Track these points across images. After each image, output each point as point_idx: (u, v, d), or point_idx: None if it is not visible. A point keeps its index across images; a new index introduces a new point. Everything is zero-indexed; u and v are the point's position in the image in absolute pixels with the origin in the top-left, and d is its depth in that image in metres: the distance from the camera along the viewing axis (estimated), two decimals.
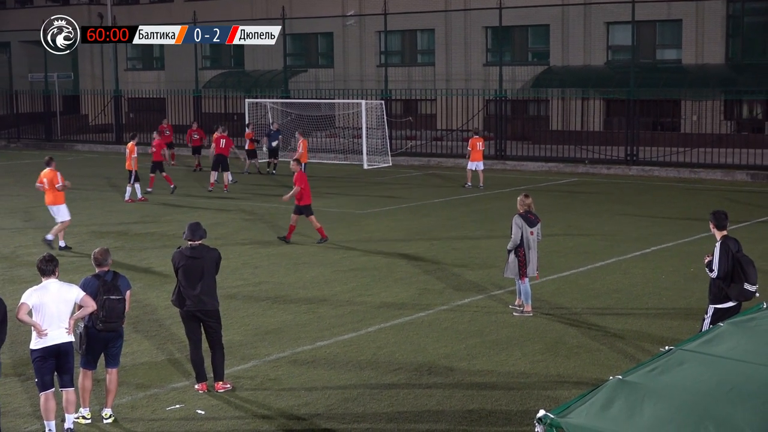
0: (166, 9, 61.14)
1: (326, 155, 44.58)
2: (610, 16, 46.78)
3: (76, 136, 56.77)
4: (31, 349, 11.20)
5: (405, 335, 15.58)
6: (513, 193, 30.05)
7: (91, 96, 59.53)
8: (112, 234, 25.09)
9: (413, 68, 52.81)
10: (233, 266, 20.60)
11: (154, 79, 60.65)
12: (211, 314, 12.96)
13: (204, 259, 12.89)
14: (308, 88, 52.06)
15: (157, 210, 29.35)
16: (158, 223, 27.06)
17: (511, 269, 16.54)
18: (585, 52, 47.83)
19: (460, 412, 12.19)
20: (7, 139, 56.92)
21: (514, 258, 16.47)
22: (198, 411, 12.31)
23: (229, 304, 17.42)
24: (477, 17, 49.66)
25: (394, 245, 23.31)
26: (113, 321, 11.69)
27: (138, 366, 14.16)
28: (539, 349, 14.72)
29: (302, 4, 55.28)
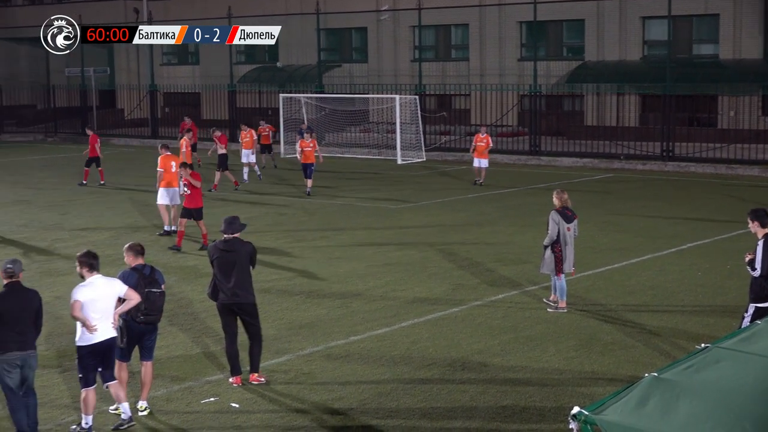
0: (201, 4, 61.25)
1: (360, 150, 44.58)
2: (646, 11, 46.39)
3: (112, 130, 57.02)
4: (78, 346, 11.25)
5: (439, 330, 15.57)
6: (547, 189, 29.95)
7: (127, 91, 59.86)
8: (148, 228, 25.21)
9: (447, 63, 52.67)
10: (267, 260, 20.66)
11: (189, 73, 60.84)
12: (246, 307, 13.01)
13: (237, 252, 12.93)
14: (342, 83, 52.06)
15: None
16: None
17: (548, 265, 16.47)
18: (620, 47, 47.47)
19: (493, 408, 12.17)
20: (44, 133, 57.35)
21: (550, 254, 16.40)
22: (232, 404, 12.37)
23: (263, 298, 17.47)
24: (511, 12, 49.44)
25: (427, 240, 23.28)
26: (154, 314, 11.82)
27: (173, 359, 14.24)
28: (573, 346, 14.66)
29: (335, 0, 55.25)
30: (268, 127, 39.31)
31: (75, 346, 11.32)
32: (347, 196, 31.14)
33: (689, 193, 31.41)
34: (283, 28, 57.21)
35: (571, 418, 6.76)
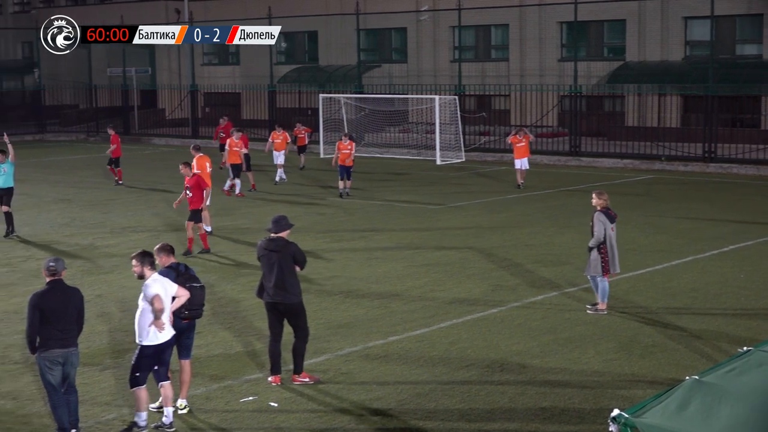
0: (242, 5, 61.52)
1: (399, 150, 44.58)
2: (688, 11, 46.00)
3: (153, 130, 57.44)
4: (144, 345, 11.27)
5: (477, 331, 15.54)
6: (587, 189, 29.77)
7: (168, 90, 60.23)
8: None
9: (487, 63, 52.51)
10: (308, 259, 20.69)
11: (230, 74, 61.12)
12: (289, 308, 13.06)
13: (280, 252, 12.97)
14: (382, 83, 52.07)
15: (233, 203, 29.62)
16: (233, 216, 27.31)
17: (594, 267, 16.33)
18: (662, 48, 47.10)
19: (532, 409, 12.13)
20: (86, 133, 57.84)
21: (597, 255, 16.26)
22: (271, 403, 12.41)
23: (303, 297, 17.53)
24: (552, 12, 49.19)
25: (467, 241, 23.24)
26: (197, 308, 11.89)
27: (212, 357, 14.31)
28: (613, 348, 14.57)
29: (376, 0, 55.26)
30: (304, 128, 39.34)
31: (139, 345, 11.31)
32: (386, 196, 31.14)
33: (731, 194, 31.13)
34: (323, 28, 57.67)
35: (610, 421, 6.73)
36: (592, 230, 16.36)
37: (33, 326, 10.94)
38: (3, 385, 13.23)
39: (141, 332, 11.29)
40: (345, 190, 30.48)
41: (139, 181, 34.55)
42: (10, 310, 17.16)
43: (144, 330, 11.24)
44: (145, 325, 11.23)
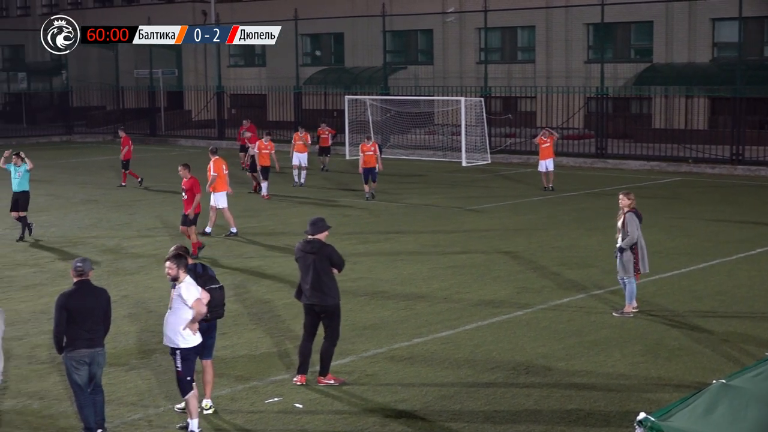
0: (268, 6, 61.71)
1: (425, 152, 44.55)
2: (716, 12, 45.78)
3: (180, 131, 57.64)
4: (185, 348, 11.23)
5: (503, 334, 15.51)
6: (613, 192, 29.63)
7: (195, 92, 60.44)
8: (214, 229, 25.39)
9: (513, 65, 52.44)
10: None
11: (256, 75, 61.28)
12: (324, 309, 13.05)
13: (317, 254, 12.96)
14: (407, 84, 52.08)
15: (260, 205, 29.70)
16: (258, 218, 27.38)
17: (627, 269, 16.24)
18: (689, 49, 46.88)
19: (558, 412, 12.09)
20: (113, 134, 58.10)
21: (630, 256, 16.18)
22: (296, 405, 12.42)
23: None
24: (578, 14, 49.08)
25: (492, 243, 23.20)
26: (218, 308, 11.90)
27: (237, 358, 14.35)
28: (639, 351, 14.51)
29: (402, 1, 55.16)
30: (328, 129, 39.32)
31: (179, 349, 11.22)
32: (411, 198, 31.14)
33: (759, 197, 30.91)
34: (349, 29, 57.74)
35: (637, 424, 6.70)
36: (623, 231, 16.23)
37: (60, 326, 11.00)
38: (30, 385, 13.32)
39: (176, 336, 11.26)
40: (371, 192, 30.29)
41: (164, 182, 34.67)
42: (37, 310, 17.27)
43: (179, 333, 11.21)
44: (179, 328, 11.19)
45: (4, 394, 12.00)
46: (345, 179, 35.71)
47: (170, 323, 11.25)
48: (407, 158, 43.28)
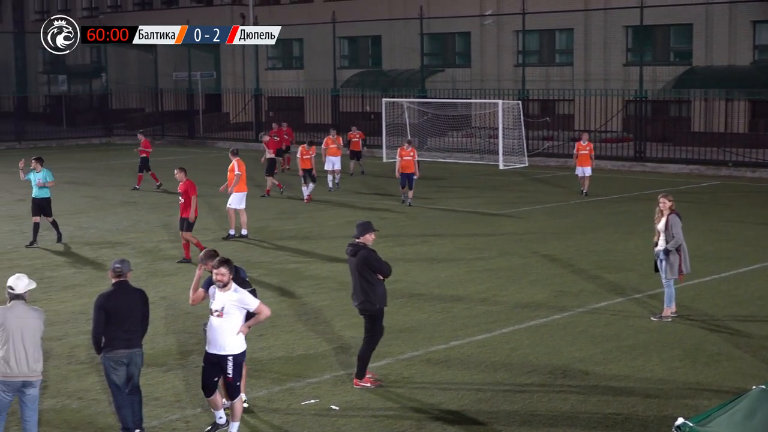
0: (306, 9, 61.95)
1: (462, 155, 44.49)
2: (756, 14, 45.39)
3: (218, 133, 57.91)
4: (237, 354, 11.21)
5: (539, 337, 15.45)
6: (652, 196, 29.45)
7: (233, 94, 60.71)
8: (251, 229, 25.50)
9: (551, 68, 52.24)
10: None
11: (293, 78, 61.47)
12: (363, 312, 13.15)
13: (357, 257, 12.99)
14: (445, 87, 52.01)
15: (296, 207, 29.79)
16: (295, 220, 27.46)
17: (674, 269, 16.10)
18: (730, 52, 46.49)
19: (595, 416, 12.03)
20: (152, 136, 58.46)
21: (676, 257, 16.05)
22: (332, 406, 12.44)
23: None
24: (617, 16, 48.80)
25: (529, 246, 23.12)
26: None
27: (274, 360, 14.39)
28: (678, 356, 14.41)
29: (440, 4, 55.17)
30: (358, 133, 39.20)
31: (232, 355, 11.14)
32: (448, 201, 31.10)
33: None
34: (386, 32, 57.78)
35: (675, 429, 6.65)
36: (667, 233, 16.06)
37: (98, 327, 11.08)
38: (69, 385, 13.43)
39: (229, 341, 11.12)
40: (407, 198, 29.59)
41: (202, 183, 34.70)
42: (76, 310, 17.41)
43: (233, 339, 11.13)
44: (234, 333, 11.10)
45: (44, 394, 12.11)
46: (381, 182, 35.71)
47: (224, 329, 11.08)
48: (444, 161, 43.24)
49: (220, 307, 11.06)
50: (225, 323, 11.07)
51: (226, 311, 11.05)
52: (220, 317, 11.07)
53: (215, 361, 11.14)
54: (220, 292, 11.10)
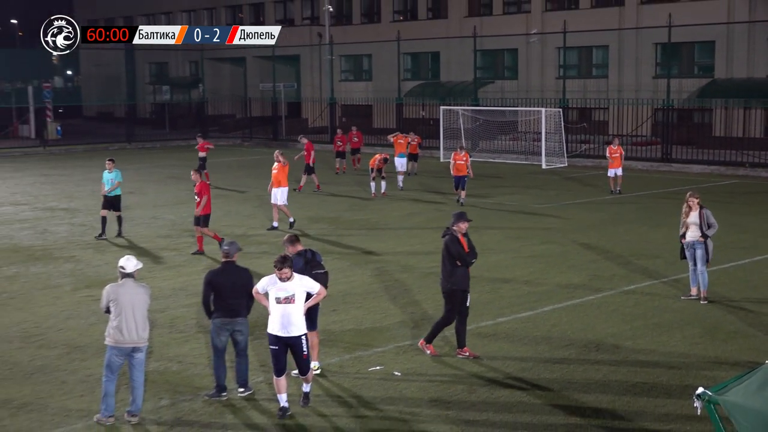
0: (374, 29, 62.04)
1: (509, 156, 44.23)
2: None
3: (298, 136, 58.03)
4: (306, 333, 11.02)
5: (576, 315, 15.35)
6: (678, 192, 29.13)
7: (311, 103, 61.08)
8: (326, 219, 25.65)
9: (588, 80, 51.77)
10: (427, 250, 20.76)
11: (363, 89, 61.64)
12: (443, 292, 13.04)
13: (442, 242, 12.98)
14: (495, 96, 51.81)
15: (364, 201, 29.88)
16: (365, 211, 27.53)
17: (710, 256, 15.95)
18: (748, 66, 45.66)
19: (624, 384, 11.94)
20: (241, 138, 59.05)
21: (711, 244, 15.87)
22: (395, 372, 12.48)
23: (424, 282, 17.62)
24: (648, 35, 48.18)
25: (568, 236, 22.95)
26: None
27: (345, 332, 14.47)
28: (698, 333, 14.23)
29: (491, 24, 55.01)
30: (416, 137, 38.70)
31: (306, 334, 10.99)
32: (497, 196, 30.98)
33: None
34: (444, 49, 57.71)
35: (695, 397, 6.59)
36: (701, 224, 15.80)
37: (206, 298, 11.39)
38: (170, 350, 13.64)
39: (300, 323, 10.88)
40: (460, 198, 28.68)
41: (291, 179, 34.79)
42: (177, 287, 17.65)
43: (302, 320, 10.91)
44: (302, 315, 10.92)
45: (149, 358, 12.31)
46: (438, 181, 35.62)
47: (294, 313, 10.79)
48: (494, 161, 43.03)
49: (290, 294, 10.76)
50: (295, 308, 10.79)
51: (297, 299, 10.80)
52: (291, 303, 10.77)
53: (288, 342, 10.83)
54: (284, 283, 10.77)
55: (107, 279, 17.46)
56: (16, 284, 18.18)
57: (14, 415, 11.20)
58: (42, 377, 12.53)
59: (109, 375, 10.78)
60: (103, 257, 20.72)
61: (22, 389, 12.07)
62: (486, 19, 55.79)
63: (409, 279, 18.19)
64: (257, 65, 67.19)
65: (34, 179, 37.72)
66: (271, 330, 10.86)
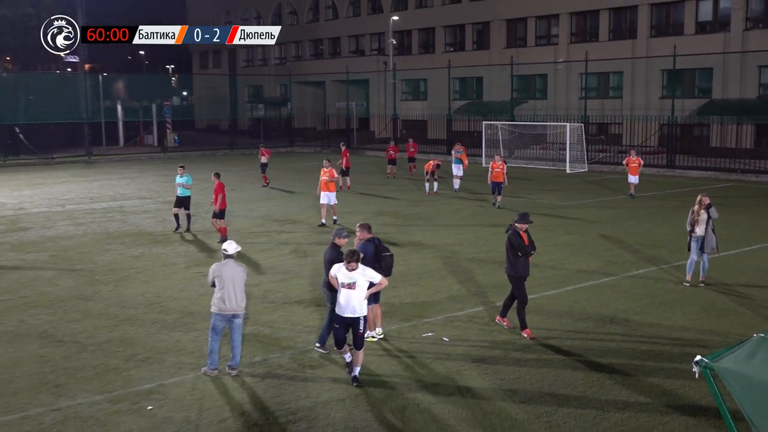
0: (429, 57, 61.82)
1: (539, 162, 43.77)
2: (762, 60, 43.30)
3: (366, 145, 58.41)
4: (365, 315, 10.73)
5: (593, 294, 15.14)
6: (680, 193, 28.59)
7: (377, 118, 61.21)
8: (388, 214, 25.66)
9: (605, 100, 50.97)
10: (470, 240, 20.65)
11: (420, 107, 61.53)
12: (509, 278, 12.68)
13: (506, 236, 12.66)
14: (528, 113, 51.31)
15: (421, 198, 29.81)
16: (420, 207, 27.46)
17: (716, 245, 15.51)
18: (741, 88, 44.49)
19: (634, 351, 11.75)
20: (320, 146, 59.41)
21: (712, 236, 15.43)
22: (444, 338, 12.44)
23: (468, 265, 17.51)
24: (656, 63, 47.29)
25: (587, 228, 22.62)
26: (388, 270, 11.86)
27: (403, 305, 14.45)
28: (695, 310, 13.93)
29: (526, 54, 54.48)
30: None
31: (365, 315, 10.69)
32: (529, 195, 30.67)
33: None
34: (487, 74, 57.32)
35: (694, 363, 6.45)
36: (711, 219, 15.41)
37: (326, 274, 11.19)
38: (262, 317, 13.76)
39: (360, 306, 10.52)
40: (497, 202, 27.08)
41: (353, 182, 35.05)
42: (269, 266, 17.79)
43: (362, 303, 10.56)
44: (362, 299, 10.56)
45: (245, 323, 12.45)
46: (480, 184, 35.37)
47: (356, 297, 10.45)
48: (526, 166, 42.61)
49: (353, 281, 10.44)
50: (356, 293, 10.46)
51: (357, 285, 10.48)
52: (353, 289, 10.45)
53: (349, 321, 10.52)
54: (349, 271, 10.45)
55: (213, 259, 17.72)
56: (141, 262, 18.53)
57: (139, 366, 11.42)
58: (161, 336, 12.75)
59: (214, 336, 10.91)
60: (209, 242, 21.00)
61: (145, 345, 12.30)
62: (521, 50, 55.23)
63: (455, 263, 18.12)
64: (334, 87, 67.47)
65: (156, 178, 38.40)
66: (336, 310, 10.66)
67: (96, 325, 13.34)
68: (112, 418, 9.63)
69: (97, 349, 12.10)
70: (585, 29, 52.83)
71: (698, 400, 9.92)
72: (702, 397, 9.97)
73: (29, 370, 11.26)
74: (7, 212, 26.81)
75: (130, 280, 16.70)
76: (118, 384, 10.70)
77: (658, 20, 49.09)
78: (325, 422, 9.45)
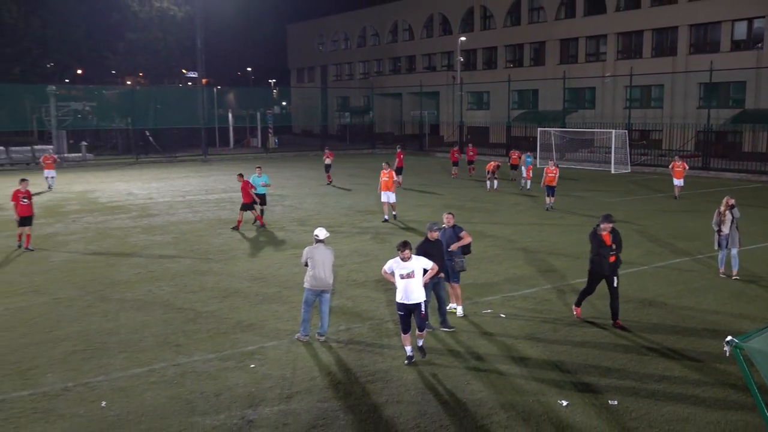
0: (491, 73, 60.98)
1: (587, 164, 42.77)
2: None
3: (436, 148, 58.15)
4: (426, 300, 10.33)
5: (634, 280, 14.71)
6: (714, 192, 27.50)
7: (446, 125, 60.81)
8: (454, 207, 25.47)
9: (648, 110, 49.40)
10: (525, 231, 20.33)
11: (483, 115, 60.87)
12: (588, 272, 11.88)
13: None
14: (578, 121, 50.17)
15: (481, 195, 29.53)
16: (481, 202, 27.18)
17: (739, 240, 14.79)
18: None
19: (671, 329, 11.39)
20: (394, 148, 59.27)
21: (736, 232, 14.69)
22: (501, 315, 12.31)
23: (523, 253, 17.25)
24: (694, 76, 45.55)
25: (629, 222, 21.96)
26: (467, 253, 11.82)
27: (466, 285, 14.30)
28: (727, 296, 13.39)
29: (576, 69, 53.25)
30: (517, 153, 36.92)
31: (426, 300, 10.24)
32: (578, 192, 30.00)
33: None
34: (542, 87, 56.23)
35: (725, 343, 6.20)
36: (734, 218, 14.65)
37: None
38: (346, 292, 13.83)
39: (420, 292, 10.05)
40: (550, 204, 25.03)
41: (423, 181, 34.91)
42: (352, 250, 17.75)
43: (421, 290, 10.07)
44: (421, 286, 10.07)
45: (333, 297, 12.56)
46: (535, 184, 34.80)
47: (414, 285, 9.95)
48: (576, 167, 41.69)
49: (410, 270, 9.94)
50: (415, 282, 9.95)
51: (416, 274, 9.97)
52: (412, 278, 9.94)
53: (411, 308, 10.01)
54: (406, 262, 9.97)
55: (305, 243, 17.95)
56: (245, 244, 18.90)
57: (244, 331, 11.67)
58: (262, 307, 13.00)
59: (306, 307, 11.05)
60: (303, 228, 21.27)
61: (249, 314, 12.56)
62: (572, 65, 54.00)
63: (512, 250, 17.87)
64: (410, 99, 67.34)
65: None
66: (398, 299, 10.04)
67: (209, 296, 13.70)
68: (221, 374, 9.89)
69: (210, 316, 12.42)
70: (630, 47, 51.26)
71: (728, 376, 9.55)
72: (732, 373, 9.59)
73: (155, 331, 11.65)
74: (139, 201, 27.76)
75: (237, 259, 17.01)
76: (226, 345, 10.97)
77: (696, 39, 47.26)
78: (399, 383, 9.49)
